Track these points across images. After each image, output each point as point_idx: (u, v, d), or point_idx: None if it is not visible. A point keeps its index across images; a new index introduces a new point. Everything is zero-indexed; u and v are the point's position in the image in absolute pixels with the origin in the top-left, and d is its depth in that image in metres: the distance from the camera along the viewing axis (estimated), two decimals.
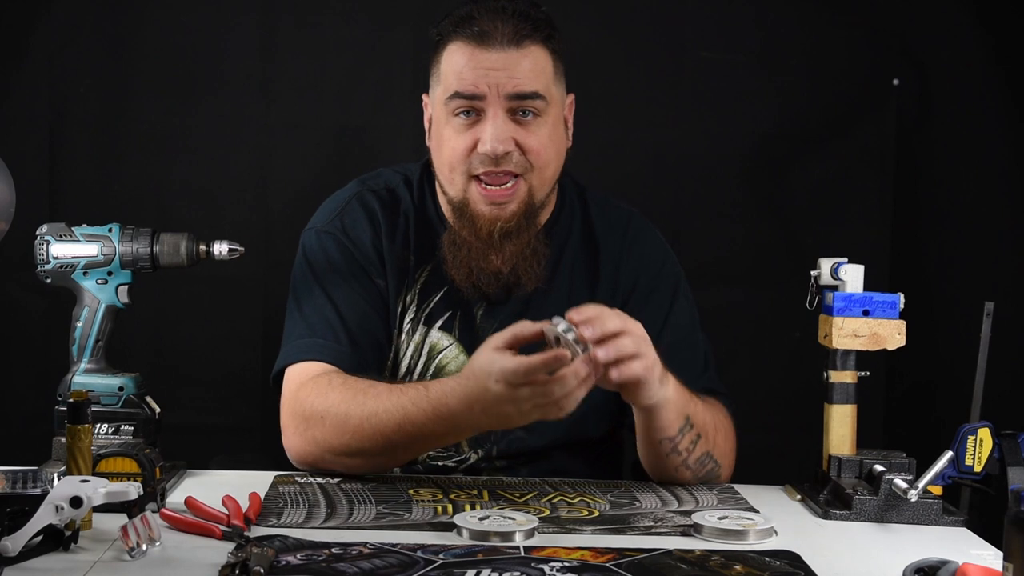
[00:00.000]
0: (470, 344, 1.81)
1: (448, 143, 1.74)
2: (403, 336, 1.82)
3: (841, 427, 1.69)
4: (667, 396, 1.62)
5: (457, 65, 1.72)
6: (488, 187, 1.73)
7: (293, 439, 1.72)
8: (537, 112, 1.73)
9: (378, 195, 1.84)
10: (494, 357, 1.52)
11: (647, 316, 1.80)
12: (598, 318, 1.52)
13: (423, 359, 1.82)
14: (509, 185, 1.73)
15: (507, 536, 1.42)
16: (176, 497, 1.60)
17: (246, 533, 1.42)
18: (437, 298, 1.82)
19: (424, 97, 1.82)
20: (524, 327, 1.54)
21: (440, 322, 1.82)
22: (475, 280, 1.78)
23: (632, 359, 1.53)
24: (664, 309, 1.83)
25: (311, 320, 1.77)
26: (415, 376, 1.82)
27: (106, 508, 1.37)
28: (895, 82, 2.53)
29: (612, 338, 1.52)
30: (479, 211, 1.74)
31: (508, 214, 1.74)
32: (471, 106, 1.72)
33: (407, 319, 1.82)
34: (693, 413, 1.67)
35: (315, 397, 1.68)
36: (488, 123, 1.71)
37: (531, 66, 1.72)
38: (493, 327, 1.80)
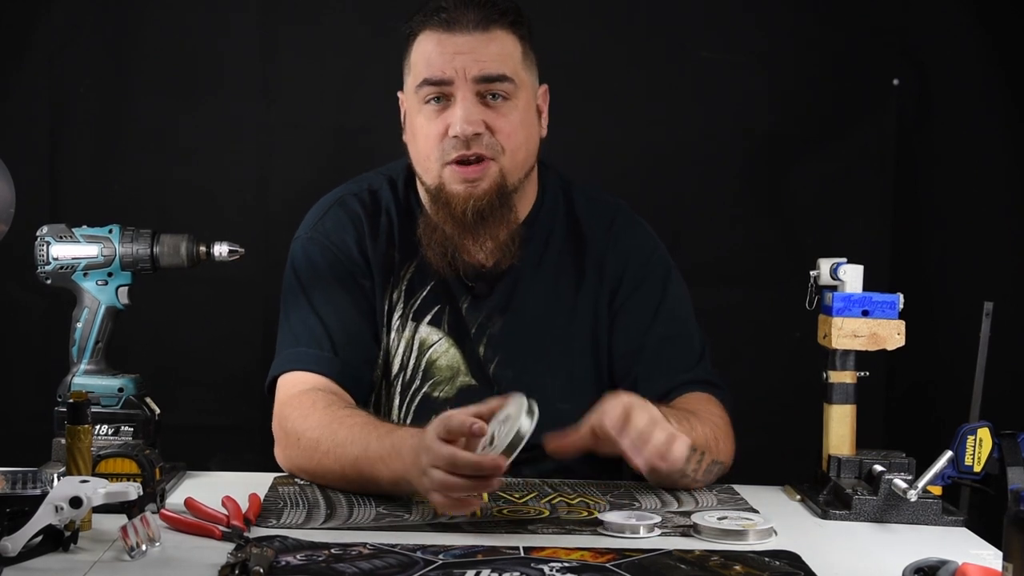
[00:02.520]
0: (460, 338, 1.82)
1: (421, 131, 1.76)
2: (393, 333, 1.83)
3: (841, 427, 1.69)
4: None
5: (426, 53, 1.75)
6: (461, 166, 1.74)
7: (277, 451, 1.75)
8: (506, 95, 1.74)
9: (359, 198, 1.86)
10: (426, 437, 1.48)
11: (637, 308, 1.82)
12: (629, 422, 1.50)
13: (414, 355, 1.83)
14: (480, 165, 1.74)
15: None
16: (176, 498, 1.61)
17: (245, 534, 1.42)
18: (424, 293, 1.83)
19: (399, 94, 1.83)
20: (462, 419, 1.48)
21: (429, 316, 1.83)
22: (451, 262, 1.79)
23: (670, 444, 1.51)
24: (655, 300, 1.83)
25: (296, 330, 1.79)
26: (408, 372, 1.83)
27: (106, 509, 1.37)
28: (895, 82, 2.53)
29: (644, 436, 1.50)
30: (453, 191, 1.74)
31: (480, 191, 1.74)
32: (440, 92, 1.73)
33: (395, 316, 1.83)
34: (696, 439, 1.63)
35: (296, 416, 1.69)
36: (457, 106, 1.72)
37: (498, 50, 1.74)
38: (478, 320, 1.82)
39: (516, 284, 1.83)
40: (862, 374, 1.69)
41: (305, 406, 1.69)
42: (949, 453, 1.59)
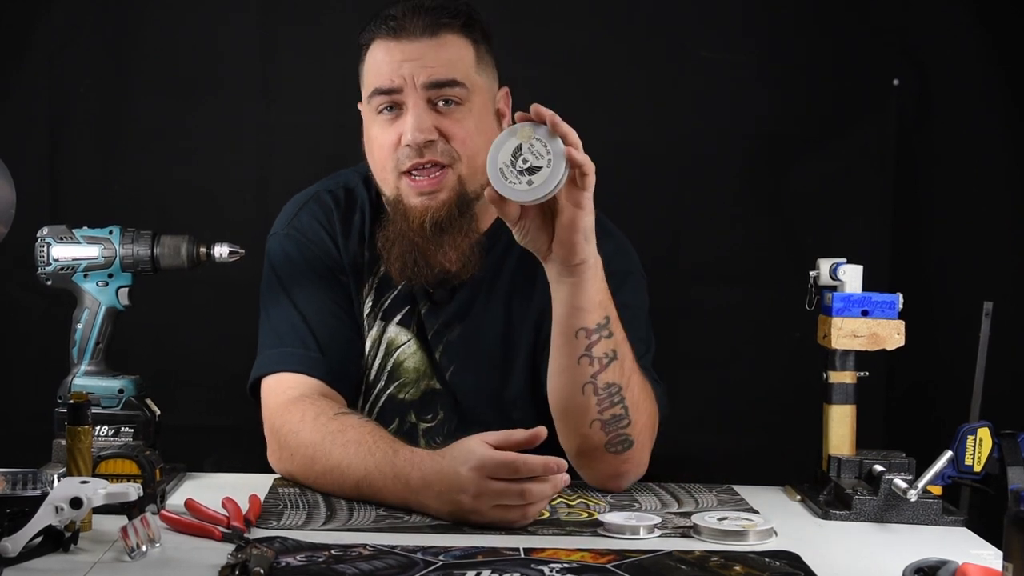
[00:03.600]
0: (424, 340, 1.82)
1: (375, 141, 1.75)
2: (363, 332, 1.83)
3: (841, 427, 1.69)
4: (597, 259, 1.58)
5: (375, 62, 1.74)
6: (416, 178, 1.72)
7: (272, 458, 1.73)
8: (459, 101, 1.72)
9: (334, 194, 1.86)
10: (478, 446, 1.50)
11: None
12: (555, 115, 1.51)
13: (381, 354, 1.82)
14: (436, 174, 1.72)
15: None
16: (176, 499, 1.61)
17: (246, 535, 1.42)
18: (395, 293, 1.82)
19: (359, 106, 1.82)
20: (518, 433, 1.51)
21: (398, 317, 1.82)
22: (410, 274, 1.77)
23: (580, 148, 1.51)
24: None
25: (280, 329, 1.78)
26: (373, 372, 1.82)
27: (106, 509, 1.37)
28: (895, 82, 2.53)
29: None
30: (411, 204, 1.73)
31: (439, 203, 1.72)
32: (392, 101, 1.72)
33: (365, 315, 1.83)
34: (613, 320, 1.61)
35: (288, 431, 1.68)
36: (408, 114, 1.71)
37: (448, 55, 1.72)
38: (435, 327, 1.81)
39: (475, 293, 1.81)
40: (862, 374, 1.69)
41: (295, 419, 1.68)
42: (949, 453, 1.59)
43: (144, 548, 1.36)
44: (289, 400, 1.71)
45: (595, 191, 1.93)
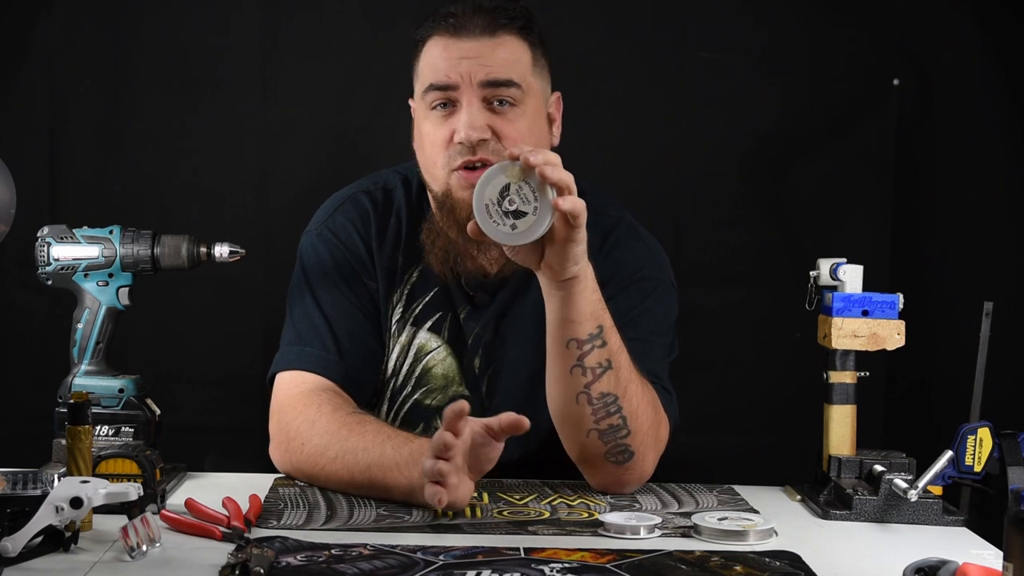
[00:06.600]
0: (457, 347, 1.81)
1: (427, 137, 1.74)
2: (390, 337, 1.82)
3: (841, 427, 1.70)
4: (587, 273, 1.57)
5: (432, 58, 1.73)
6: (467, 171, 1.71)
7: (275, 452, 1.74)
8: (514, 101, 1.72)
9: (372, 196, 1.85)
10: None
11: (613, 309, 1.74)
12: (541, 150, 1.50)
13: (409, 361, 1.82)
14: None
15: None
16: (176, 499, 1.61)
17: (246, 534, 1.42)
18: (426, 299, 1.82)
19: (410, 102, 1.82)
20: (505, 417, 1.50)
21: (429, 323, 1.82)
22: (453, 269, 1.77)
23: (572, 192, 1.50)
24: (626, 307, 1.74)
25: (301, 327, 1.78)
26: (400, 378, 1.82)
27: (106, 509, 1.37)
28: (895, 82, 2.53)
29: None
30: (460, 197, 1.72)
31: None
32: (447, 97, 1.72)
33: (394, 320, 1.82)
34: (607, 329, 1.60)
35: (301, 421, 1.68)
36: (463, 112, 1.70)
37: (506, 55, 1.72)
38: (475, 330, 1.81)
39: (515, 295, 1.81)
40: (862, 374, 1.69)
41: (311, 411, 1.68)
42: (949, 453, 1.60)
43: (144, 548, 1.36)
44: (303, 393, 1.71)
45: (598, 190, 1.94)
